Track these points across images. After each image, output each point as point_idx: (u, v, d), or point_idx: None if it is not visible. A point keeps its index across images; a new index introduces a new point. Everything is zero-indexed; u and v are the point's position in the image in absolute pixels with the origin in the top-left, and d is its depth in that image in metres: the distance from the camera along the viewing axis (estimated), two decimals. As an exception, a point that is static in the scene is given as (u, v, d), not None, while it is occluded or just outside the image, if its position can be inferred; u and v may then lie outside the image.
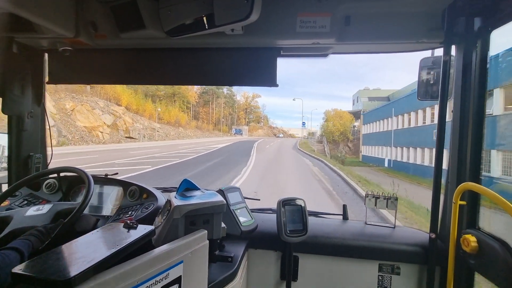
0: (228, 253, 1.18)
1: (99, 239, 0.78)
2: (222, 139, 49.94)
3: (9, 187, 1.24)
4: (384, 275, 1.34)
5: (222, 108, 74.59)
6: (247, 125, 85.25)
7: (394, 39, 1.23)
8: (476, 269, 1.09)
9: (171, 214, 0.89)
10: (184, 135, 45.04)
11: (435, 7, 1.16)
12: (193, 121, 58.89)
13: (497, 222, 1.10)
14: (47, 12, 1.11)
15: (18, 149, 1.50)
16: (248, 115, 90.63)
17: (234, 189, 1.38)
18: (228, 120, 79.35)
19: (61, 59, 1.45)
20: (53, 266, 0.63)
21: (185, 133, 46.28)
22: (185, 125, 50.33)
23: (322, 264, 1.39)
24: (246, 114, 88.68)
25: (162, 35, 1.19)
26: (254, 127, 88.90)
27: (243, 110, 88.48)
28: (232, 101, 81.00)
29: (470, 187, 1.06)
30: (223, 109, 76.15)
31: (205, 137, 52.60)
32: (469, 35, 1.13)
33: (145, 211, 1.22)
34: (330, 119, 52.23)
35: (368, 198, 1.48)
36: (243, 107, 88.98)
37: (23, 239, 0.85)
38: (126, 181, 1.40)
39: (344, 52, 1.42)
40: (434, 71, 1.29)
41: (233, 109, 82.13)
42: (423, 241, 1.31)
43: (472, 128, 1.16)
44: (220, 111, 72.33)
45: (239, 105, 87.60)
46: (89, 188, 1.09)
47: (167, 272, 0.77)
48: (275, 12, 1.20)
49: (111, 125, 27.95)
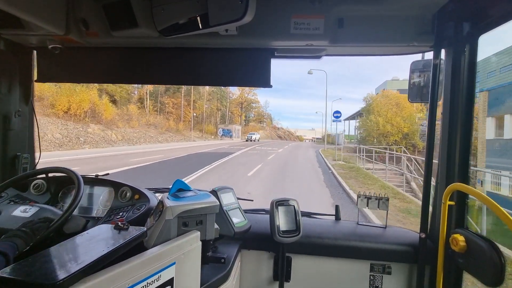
0: (221, 254, 1.17)
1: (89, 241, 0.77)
2: (186, 145, 29.05)
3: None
4: (375, 275, 1.36)
5: (206, 100, 52.80)
6: (243, 124, 65.99)
7: (386, 42, 1.25)
8: (464, 268, 1.12)
9: (164, 215, 0.88)
10: (129, 137, 27.54)
11: (425, 11, 1.19)
12: (158, 116, 39.25)
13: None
14: (36, 8, 1.08)
15: (5, 149, 1.46)
16: (245, 111, 71.19)
17: (227, 190, 1.37)
18: (218, 118, 59.93)
19: (51, 57, 1.42)
20: (40, 269, 0.61)
21: (130, 136, 28.06)
22: (136, 124, 31.25)
23: (315, 264, 1.40)
24: (242, 111, 68.69)
25: (155, 34, 1.17)
26: (254, 127, 71.20)
27: (237, 105, 68.25)
28: (221, 92, 58.24)
29: (458, 188, 1.09)
30: (210, 103, 55.30)
31: (163, 141, 31.87)
32: (458, 40, 1.16)
33: (136, 212, 1.20)
34: (377, 109, 27.02)
35: (360, 198, 1.50)
36: (237, 101, 67.88)
37: (8, 241, 0.81)
38: (117, 182, 1.38)
39: (337, 54, 1.44)
40: (424, 73, 1.32)
41: (222, 103, 60.93)
42: (413, 241, 1.33)
43: (460, 130, 1.19)
44: (202, 105, 51.03)
45: (232, 99, 66.37)
46: (78, 189, 1.06)
47: (159, 274, 0.76)
48: (270, 13, 1.21)
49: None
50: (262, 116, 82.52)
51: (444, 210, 1.13)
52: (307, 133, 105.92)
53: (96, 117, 26.15)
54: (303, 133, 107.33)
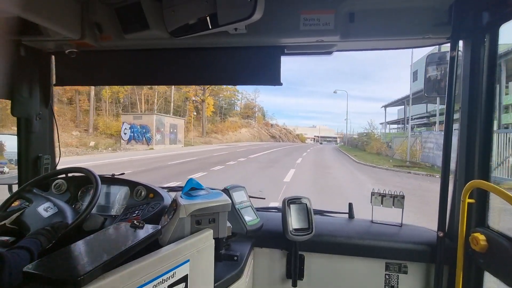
0: (233, 252, 1.18)
1: (107, 239, 0.79)
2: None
3: (19, 187, 1.26)
4: (391, 274, 1.33)
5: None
6: (205, 117, 37.32)
7: (400, 35, 1.21)
8: (486, 268, 1.07)
9: (177, 213, 0.90)
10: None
11: (442, 2, 1.14)
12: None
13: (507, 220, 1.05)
14: (53, 15, 1.13)
15: (27, 150, 1.53)
16: (215, 96, 43.60)
17: (239, 188, 1.38)
18: (162, 106, 33.57)
19: (67, 61, 1.47)
20: (62, 266, 0.64)
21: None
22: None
23: (328, 263, 1.38)
24: (204, 94, 38.04)
25: (166, 36, 1.19)
26: (234, 124, 48.60)
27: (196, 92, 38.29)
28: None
29: (479, 185, 1.04)
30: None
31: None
32: (477, 30, 1.11)
33: (151, 211, 1.23)
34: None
35: (374, 196, 1.47)
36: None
37: (33, 238, 0.87)
38: (133, 181, 1.42)
39: (349, 49, 1.41)
40: (441, 67, 1.27)
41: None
42: (430, 240, 1.29)
43: (481, 125, 1.14)
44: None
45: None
46: (96, 188, 1.10)
47: (174, 271, 0.78)
48: (278, 10, 1.20)
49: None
50: (251, 109, 60.61)
51: (463, 208, 1.08)
52: (308, 132, 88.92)
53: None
54: (303, 131, 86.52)
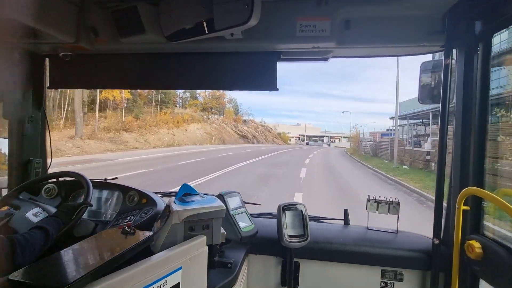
0: (227, 259, 1.16)
1: (97, 245, 0.78)
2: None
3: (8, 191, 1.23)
4: (386, 281, 1.32)
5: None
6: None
7: (395, 43, 1.23)
8: (481, 276, 1.07)
9: (170, 220, 0.88)
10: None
11: (436, 10, 1.16)
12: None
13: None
14: (48, 18, 1.12)
15: (18, 153, 1.50)
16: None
17: (234, 194, 1.37)
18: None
19: (62, 64, 1.46)
20: (50, 273, 0.62)
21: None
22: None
23: (323, 270, 1.37)
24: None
25: (162, 40, 1.19)
26: (175, 117, 35.63)
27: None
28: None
29: (473, 192, 1.05)
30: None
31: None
32: (470, 39, 1.13)
33: (144, 216, 1.21)
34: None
35: (370, 203, 1.47)
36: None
37: (54, 216, 0.90)
38: (125, 186, 1.40)
39: (345, 56, 1.42)
40: (434, 74, 1.29)
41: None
42: (426, 247, 1.29)
43: (475, 132, 1.15)
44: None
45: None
46: (87, 192, 1.08)
47: (166, 279, 0.76)
48: (275, 17, 1.20)
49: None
50: (216, 99, 46.51)
51: (458, 215, 1.08)
52: (292, 130, 73.00)
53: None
54: (286, 129, 70.28)
